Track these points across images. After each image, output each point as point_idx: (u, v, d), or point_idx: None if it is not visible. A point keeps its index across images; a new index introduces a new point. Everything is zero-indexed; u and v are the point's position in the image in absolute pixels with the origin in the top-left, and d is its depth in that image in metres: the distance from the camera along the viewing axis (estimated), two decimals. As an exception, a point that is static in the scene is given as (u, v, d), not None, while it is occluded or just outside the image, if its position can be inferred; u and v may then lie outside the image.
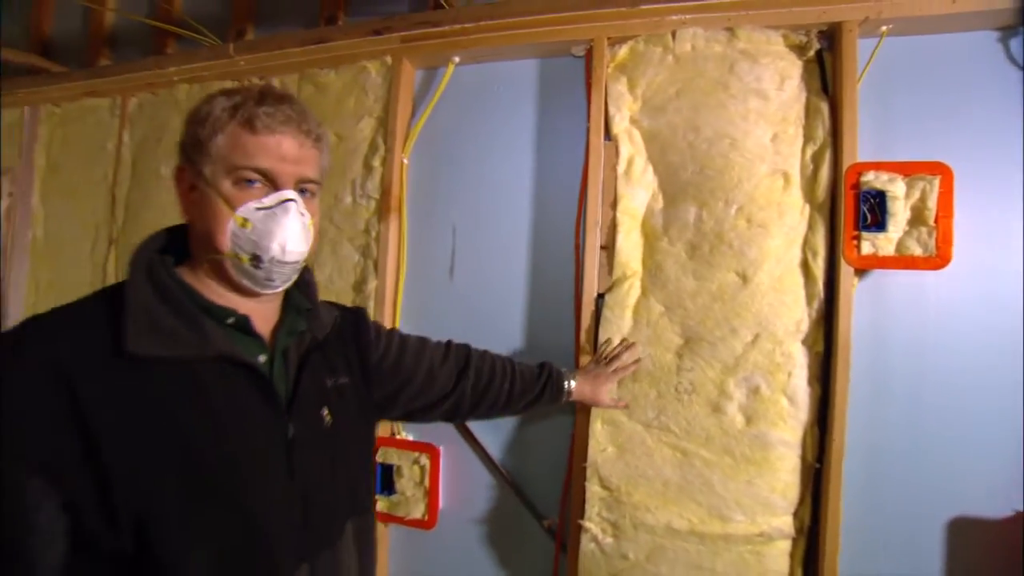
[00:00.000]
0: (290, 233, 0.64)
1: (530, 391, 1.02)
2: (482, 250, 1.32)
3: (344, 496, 0.72)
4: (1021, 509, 0.99)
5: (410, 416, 0.97)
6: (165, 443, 0.57)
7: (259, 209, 0.63)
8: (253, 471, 0.62)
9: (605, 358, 1.12)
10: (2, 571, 0.53)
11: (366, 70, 1.37)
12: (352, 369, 0.79)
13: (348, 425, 0.74)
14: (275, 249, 0.63)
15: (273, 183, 0.64)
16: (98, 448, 0.54)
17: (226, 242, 0.63)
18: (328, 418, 0.70)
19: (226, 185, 0.62)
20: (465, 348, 1.01)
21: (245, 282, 0.65)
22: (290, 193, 0.64)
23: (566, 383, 1.06)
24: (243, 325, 0.65)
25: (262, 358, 0.66)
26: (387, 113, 1.35)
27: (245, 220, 0.62)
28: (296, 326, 0.72)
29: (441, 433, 1.29)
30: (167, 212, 1.54)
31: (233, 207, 0.62)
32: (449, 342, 1.00)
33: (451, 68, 1.33)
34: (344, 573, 0.70)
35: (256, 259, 0.63)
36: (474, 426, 1.28)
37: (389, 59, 1.35)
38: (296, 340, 0.71)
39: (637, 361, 1.12)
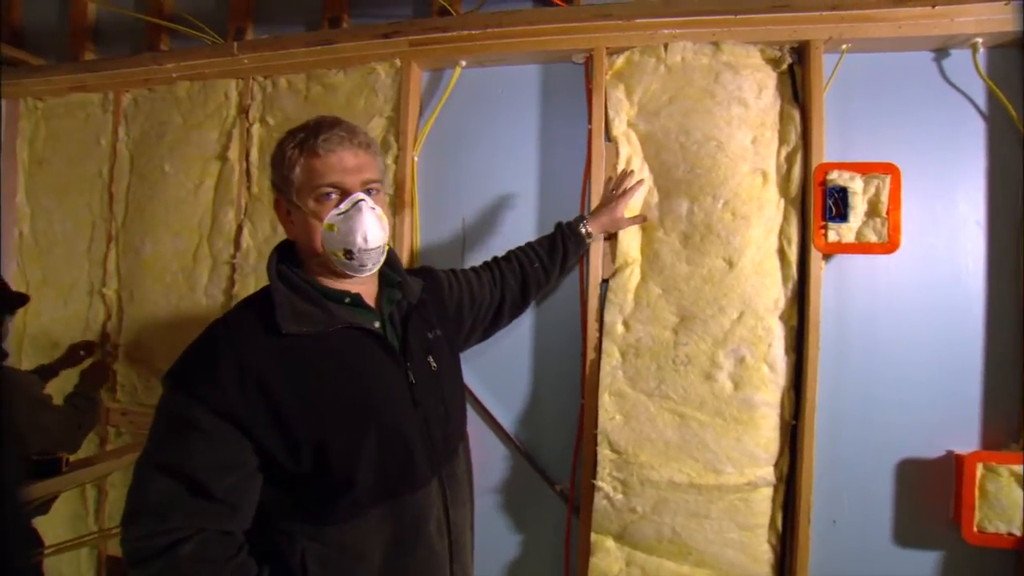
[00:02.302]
0: (368, 225, 0.79)
1: (556, 255, 1.19)
2: (491, 241, 1.42)
3: (453, 424, 0.93)
4: (951, 449, 1.20)
5: (487, 333, 1.18)
6: (323, 390, 0.77)
7: (339, 214, 0.78)
8: (393, 403, 0.82)
9: (611, 191, 1.26)
10: (222, 490, 0.73)
11: (375, 72, 1.44)
12: (441, 322, 0.98)
13: (447, 369, 0.93)
14: (359, 241, 0.78)
15: (345, 192, 0.79)
16: (280, 404, 0.74)
17: (320, 246, 0.80)
18: (433, 364, 0.89)
19: (311, 203, 0.79)
20: (495, 260, 1.21)
21: (346, 271, 0.81)
22: (359, 195, 0.79)
23: (581, 228, 1.21)
24: (357, 301, 0.84)
25: (376, 324, 0.85)
26: (397, 113, 1.42)
27: (331, 225, 0.79)
28: (393, 296, 0.89)
29: (459, 411, 1.40)
30: (171, 209, 1.56)
31: (320, 218, 0.78)
32: (485, 262, 1.21)
33: (458, 71, 1.42)
34: (459, 483, 0.91)
35: (348, 253, 0.78)
36: (489, 403, 1.40)
37: (398, 62, 1.42)
38: (395, 307, 0.89)
39: (640, 181, 1.26)
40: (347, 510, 0.78)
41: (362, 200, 0.79)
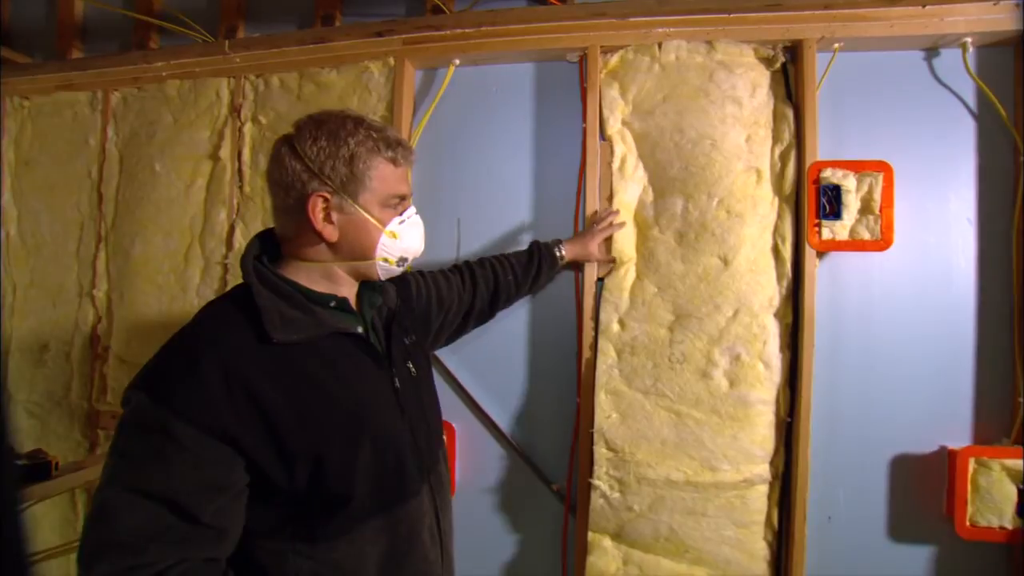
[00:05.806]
0: (422, 235, 0.85)
1: (530, 271, 1.22)
2: (486, 241, 1.42)
3: (434, 430, 0.91)
4: (944, 444, 1.21)
5: (452, 338, 1.17)
6: (318, 401, 0.73)
7: (401, 223, 0.81)
8: (384, 411, 0.80)
9: (594, 223, 1.28)
10: (209, 514, 0.66)
11: (368, 70, 1.43)
12: (413, 326, 0.96)
13: (424, 374, 0.92)
14: (416, 249, 0.84)
15: (403, 201, 0.82)
16: (272, 417, 0.69)
17: (377, 251, 0.79)
18: (413, 370, 0.87)
19: (377, 209, 0.78)
20: (467, 264, 1.20)
21: (375, 275, 0.82)
22: (414, 208, 0.84)
23: (556, 251, 1.24)
24: (343, 305, 0.80)
25: (360, 329, 0.81)
26: (391, 112, 1.41)
27: (394, 233, 0.80)
28: (374, 301, 0.87)
29: (456, 412, 1.39)
30: (162, 209, 1.54)
31: (383, 224, 0.79)
32: (455, 265, 1.20)
33: (451, 70, 1.42)
34: (445, 488, 0.90)
35: (402, 260, 0.82)
36: (485, 403, 1.39)
37: (392, 60, 1.41)
38: (376, 311, 0.86)
39: (623, 223, 1.29)
40: (342, 525, 0.74)
41: (416, 212, 0.84)
